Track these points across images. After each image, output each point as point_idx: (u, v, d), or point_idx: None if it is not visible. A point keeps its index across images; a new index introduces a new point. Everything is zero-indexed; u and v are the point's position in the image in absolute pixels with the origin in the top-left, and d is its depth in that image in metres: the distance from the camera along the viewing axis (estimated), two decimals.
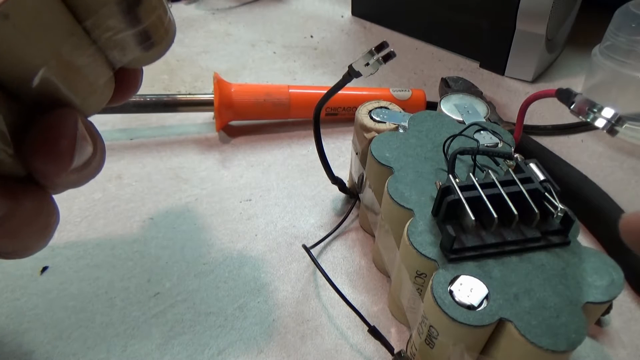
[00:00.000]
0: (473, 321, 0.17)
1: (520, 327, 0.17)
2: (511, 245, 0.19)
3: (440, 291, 0.18)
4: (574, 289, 0.18)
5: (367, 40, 0.52)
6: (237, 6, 0.58)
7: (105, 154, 0.16)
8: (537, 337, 0.17)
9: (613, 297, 0.18)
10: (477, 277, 0.18)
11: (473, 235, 0.20)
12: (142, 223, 0.30)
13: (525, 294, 0.18)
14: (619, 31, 0.36)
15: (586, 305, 0.18)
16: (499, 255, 0.19)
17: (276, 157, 0.35)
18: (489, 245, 0.19)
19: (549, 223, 0.20)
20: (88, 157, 0.14)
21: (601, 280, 0.18)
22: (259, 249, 0.28)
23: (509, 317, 0.17)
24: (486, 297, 0.18)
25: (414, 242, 0.20)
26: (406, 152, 0.24)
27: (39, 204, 0.14)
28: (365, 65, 0.22)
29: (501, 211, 0.19)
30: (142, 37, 0.14)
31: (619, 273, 0.19)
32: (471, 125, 0.25)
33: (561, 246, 0.20)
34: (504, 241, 0.19)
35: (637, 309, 0.26)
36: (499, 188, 0.20)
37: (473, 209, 0.19)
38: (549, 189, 0.20)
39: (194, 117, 0.39)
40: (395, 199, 0.21)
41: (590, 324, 0.21)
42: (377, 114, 0.27)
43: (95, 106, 0.15)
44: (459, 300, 0.18)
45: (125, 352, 0.23)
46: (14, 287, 0.26)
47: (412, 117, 0.27)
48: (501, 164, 0.23)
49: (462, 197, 0.19)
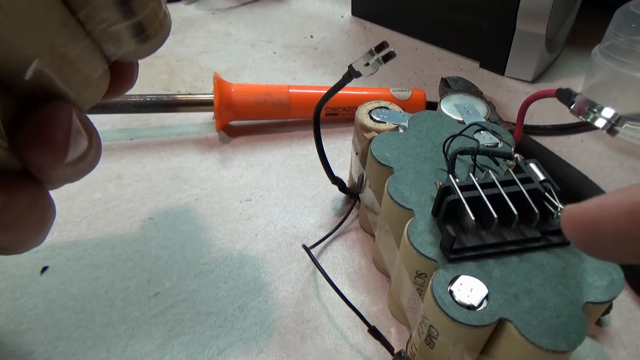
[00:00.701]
0: (473, 321, 0.17)
1: (520, 327, 0.17)
2: (511, 245, 0.19)
3: (440, 291, 0.18)
4: (574, 289, 0.18)
5: (367, 40, 0.52)
6: (237, 6, 0.58)
7: (101, 148, 0.16)
8: (537, 337, 0.17)
9: (613, 297, 0.18)
10: (477, 277, 0.18)
11: (473, 235, 0.20)
12: (142, 223, 0.30)
13: (525, 294, 0.18)
14: (619, 31, 0.36)
15: (586, 305, 0.18)
16: (499, 255, 0.19)
17: (276, 157, 0.35)
18: (489, 245, 0.19)
19: (549, 223, 0.20)
20: (83, 151, 0.14)
21: (601, 281, 0.18)
22: (259, 249, 0.28)
23: (509, 317, 0.17)
24: (486, 297, 0.18)
25: (414, 242, 0.20)
26: (406, 152, 0.24)
27: (35, 198, 0.14)
28: (365, 65, 0.22)
29: (501, 211, 0.19)
30: (136, 29, 0.14)
31: (619, 273, 0.19)
32: (471, 125, 0.25)
33: (561, 246, 0.20)
34: (504, 241, 0.19)
35: (637, 309, 0.26)
36: (499, 188, 0.20)
37: (473, 209, 0.19)
38: (549, 189, 0.20)
39: (194, 117, 0.39)
40: (395, 199, 0.21)
41: (590, 324, 0.21)
42: (377, 114, 0.27)
43: (90, 100, 0.15)
44: (459, 300, 0.18)
45: (125, 352, 0.23)
46: (14, 287, 0.26)
47: (412, 117, 0.27)
48: (501, 164, 0.23)
49: (462, 197, 0.19)
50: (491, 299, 0.18)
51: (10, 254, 0.15)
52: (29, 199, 0.14)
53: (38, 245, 0.16)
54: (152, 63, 0.46)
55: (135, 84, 0.18)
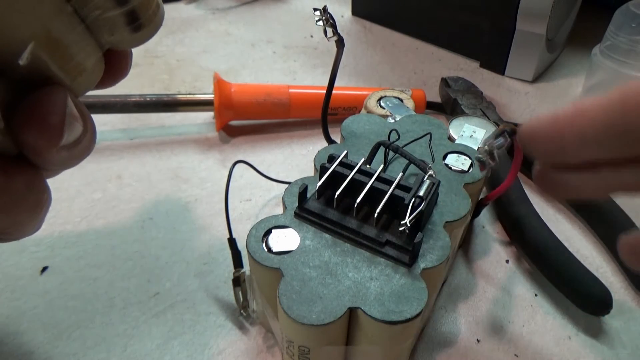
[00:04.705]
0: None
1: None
2: (348, 232, 0.20)
3: (253, 243, 0.20)
4: (361, 299, 0.18)
5: (367, 40, 0.52)
6: (237, 6, 0.58)
7: (96, 135, 0.16)
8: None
9: (388, 320, 0.18)
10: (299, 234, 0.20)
11: (333, 210, 0.21)
12: (142, 223, 0.30)
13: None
14: (619, 31, 0.36)
15: (358, 311, 0.18)
16: (338, 236, 0.20)
17: (276, 157, 0.35)
18: (328, 220, 0.20)
19: (401, 237, 0.20)
20: (78, 136, 0.15)
21: (395, 306, 0.18)
22: None
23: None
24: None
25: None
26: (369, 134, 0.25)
27: (31, 181, 0.15)
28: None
29: (369, 202, 0.20)
30: (130, 17, 0.15)
31: (417, 307, 0.18)
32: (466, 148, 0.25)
33: (400, 263, 0.19)
34: (342, 224, 0.20)
35: (637, 309, 0.26)
36: (370, 179, 0.20)
37: (347, 189, 0.20)
38: (415, 205, 0.20)
39: (194, 117, 0.39)
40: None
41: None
42: (385, 101, 0.28)
43: (85, 86, 0.16)
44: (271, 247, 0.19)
45: (125, 352, 0.23)
46: (14, 287, 0.26)
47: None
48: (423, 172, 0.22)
49: (331, 168, 0.21)
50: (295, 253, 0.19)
51: (7, 240, 0.16)
52: (24, 182, 0.14)
53: (34, 231, 0.16)
54: (152, 63, 0.46)
55: (135, 84, 0.18)
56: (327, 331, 0.18)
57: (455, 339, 0.24)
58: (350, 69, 0.46)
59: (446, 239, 0.20)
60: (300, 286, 0.18)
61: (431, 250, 0.20)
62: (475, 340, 0.24)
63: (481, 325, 0.25)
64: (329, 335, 0.18)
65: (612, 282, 0.27)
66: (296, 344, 0.19)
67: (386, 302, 0.18)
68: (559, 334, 0.25)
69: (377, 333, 0.18)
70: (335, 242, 0.20)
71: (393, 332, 0.18)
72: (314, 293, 0.18)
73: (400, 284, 0.19)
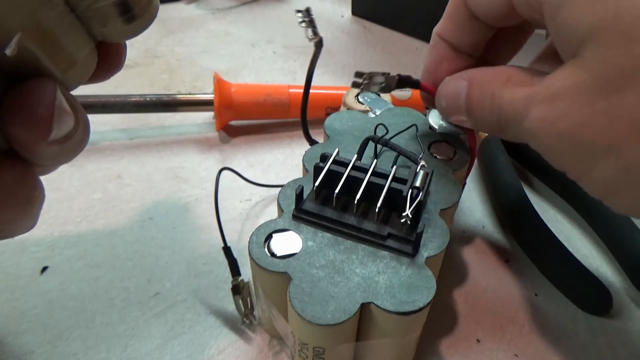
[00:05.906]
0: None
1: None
2: (350, 229, 0.20)
3: (256, 250, 0.19)
4: (370, 291, 0.18)
5: (367, 40, 0.52)
6: (237, 6, 0.58)
7: (89, 129, 0.15)
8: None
9: (401, 311, 0.18)
10: (299, 235, 0.20)
11: (332, 209, 0.20)
12: (142, 223, 0.30)
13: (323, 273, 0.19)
14: None
15: (370, 306, 0.18)
16: (338, 234, 0.20)
17: (276, 157, 0.35)
18: (327, 219, 0.20)
19: (402, 229, 0.20)
20: (69, 130, 0.14)
21: (406, 297, 0.18)
22: None
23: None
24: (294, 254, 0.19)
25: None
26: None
27: (21, 177, 0.14)
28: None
29: (367, 199, 0.20)
30: (122, 8, 0.14)
31: (427, 297, 0.18)
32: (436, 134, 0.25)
33: (403, 254, 0.19)
34: (343, 222, 0.20)
35: (637, 308, 0.26)
36: (364, 175, 0.20)
37: (345, 186, 0.20)
38: (413, 196, 0.20)
39: (194, 117, 0.39)
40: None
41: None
42: (363, 96, 0.29)
43: (76, 79, 0.15)
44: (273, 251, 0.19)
45: (125, 352, 0.23)
46: (14, 287, 0.25)
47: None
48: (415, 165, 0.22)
49: (326, 167, 0.20)
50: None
51: (1, 238, 0.15)
52: (14, 178, 0.14)
53: (28, 229, 0.16)
54: (152, 63, 0.46)
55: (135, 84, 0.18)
56: (342, 329, 0.18)
57: (455, 339, 0.24)
58: (350, 69, 0.46)
59: (444, 226, 0.20)
60: (310, 287, 0.18)
61: (431, 239, 0.20)
62: (475, 340, 0.24)
63: (481, 325, 0.25)
64: (344, 333, 0.18)
65: (612, 282, 0.27)
66: (311, 346, 0.19)
67: (397, 294, 0.18)
68: (559, 334, 0.25)
69: (391, 325, 0.18)
70: (336, 240, 0.20)
71: (407, 322, 0.18)
72: (325, 293, 0.18)
73: (407, 274, 0.19)
